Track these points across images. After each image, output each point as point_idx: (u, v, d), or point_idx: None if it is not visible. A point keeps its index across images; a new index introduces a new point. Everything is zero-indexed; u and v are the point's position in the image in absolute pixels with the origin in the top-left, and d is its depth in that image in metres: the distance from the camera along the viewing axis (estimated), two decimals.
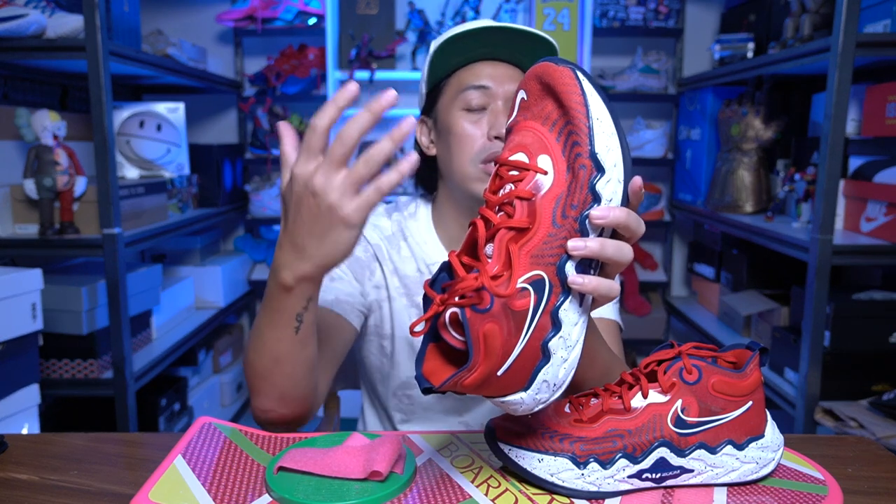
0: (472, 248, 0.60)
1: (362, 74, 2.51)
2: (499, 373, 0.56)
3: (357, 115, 0.63)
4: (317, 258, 0.67)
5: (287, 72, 2.58)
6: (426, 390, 0.58)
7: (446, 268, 0.60)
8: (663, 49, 2.68)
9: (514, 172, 0.59)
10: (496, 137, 0.92)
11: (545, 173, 0.58)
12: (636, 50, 2.61)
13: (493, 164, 0.91)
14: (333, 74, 2.46)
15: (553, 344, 0.58)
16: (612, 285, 0.59)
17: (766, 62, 1.90)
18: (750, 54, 2.21)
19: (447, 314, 0.58)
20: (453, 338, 0.58)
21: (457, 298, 0.55)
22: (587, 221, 0.57)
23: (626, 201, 0.59)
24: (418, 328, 0.57)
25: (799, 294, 1.89)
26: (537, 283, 0.56)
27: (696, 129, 2.46)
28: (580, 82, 0.58)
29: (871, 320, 1.67)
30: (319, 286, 0.72)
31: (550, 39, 0.93)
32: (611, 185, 0.58)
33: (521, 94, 0.62)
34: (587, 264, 0.59)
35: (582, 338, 0.60)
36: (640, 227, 0.60)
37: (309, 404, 0.81)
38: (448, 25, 2.53)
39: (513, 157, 0.59)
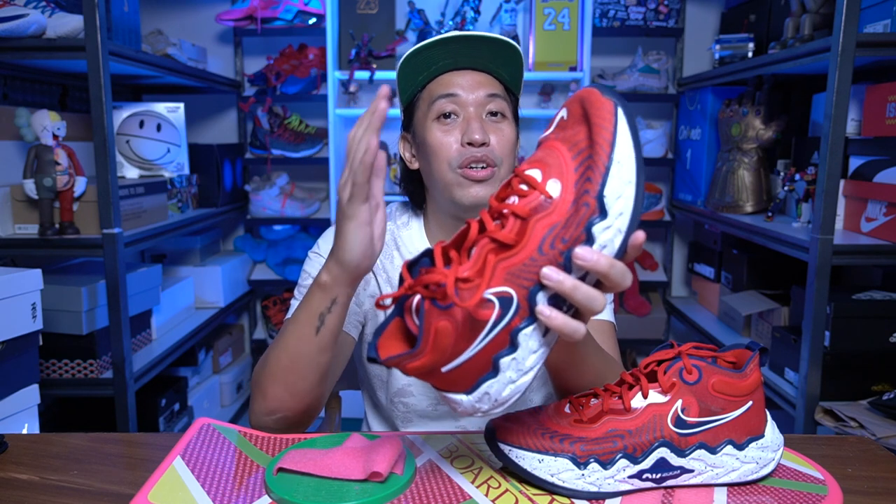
0: (460, 244, 0.59)
1: (362, 74, 2.51)
2: (443, 369, 0.57)
3: (361, 119, 0.70)
4: (337, 256, 0.74)
5: (287, 72, 2.58)
6: (371, 359, 0.58)
7: (429, 254, 0.60)
8: (663, 49, 2.68)
9: (524, 187, 0.58)
10: (469, 143, 0.93)
11: (550, 198, 0.57)
12: (636, 50, 2.61)
13: (470, 168, 0.93)
14: (333, 74, 2.46)
15: (504, 361, 0.57)
16: (578, 328, 0.57)
17: (766, 62, 1.89)
18: (750, 54, 2.21)
19: (415, 299, 0.58)
20: (413, 322, 0.59)
21: (422, 287, 0.56)
22: (572, 259, 0.56)
23: (622, 252, 0.57)
24: (386, 302, 0.58)
25: (799, 294, 1.89)
26: (505, 300, 0.56)
27: (697, 128, 2.46)
28: (616, 120, 0.56)
29: (871, 320, 1.67)
30: (347, 295, 0.76)
31: (509, 41, 0.93)
32: (609, 233, 0.56)
33: (563, 113, 0.61)
34: (561, 300, 0.58)
35: (537, 367, 0.59)
36: (625, 281, 0.58)
37: (312, 405, 0.82)
38: (448, 25, 2.53)
39: (528, 172, 0.59)
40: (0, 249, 1.67)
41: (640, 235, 0.57)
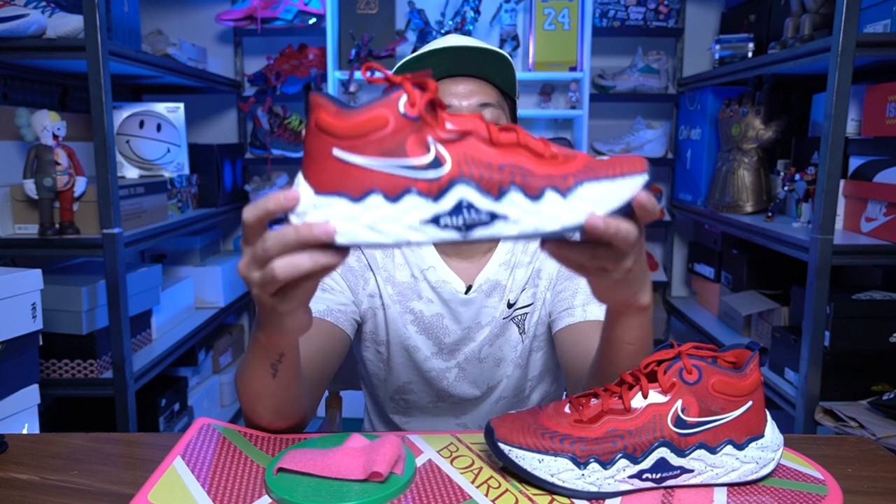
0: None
1: (362, 74, 2.51)
2: (339, 153, 0.54)
3: (286, 232, 0.57)
4: (275, 331, 0.67)
5: (287, 72, 2.58)
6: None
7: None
8: (663, 49, 2.68)
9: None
10: None
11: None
12: (636, 50, 2.61)
13: None
14: (333, 74, 2.46)
15: (375, 200, 0.54)
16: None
17: (766, 62, 1.89)
18: (750, 54, 2.21)
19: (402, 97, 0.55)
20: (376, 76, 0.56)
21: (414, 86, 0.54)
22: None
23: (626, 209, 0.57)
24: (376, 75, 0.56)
25: (799, 294, 1.89)
26: (436, 161, 0.55)
27: (697, 128, 2.46)
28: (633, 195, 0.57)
29: (871, 320, 1.67)
30: (293, 347, 0.72)
31: (498, 52, 0.94)
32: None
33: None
34: (458, 212, 0.55)
35: (390, 241, 0.55)
36: (630, 237, 0.57)
37: (300, 419, 0.81)
38: (448, 25, 2.53)
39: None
40: (0, 249, 1.67)
41: (641, 196, 0.55)
